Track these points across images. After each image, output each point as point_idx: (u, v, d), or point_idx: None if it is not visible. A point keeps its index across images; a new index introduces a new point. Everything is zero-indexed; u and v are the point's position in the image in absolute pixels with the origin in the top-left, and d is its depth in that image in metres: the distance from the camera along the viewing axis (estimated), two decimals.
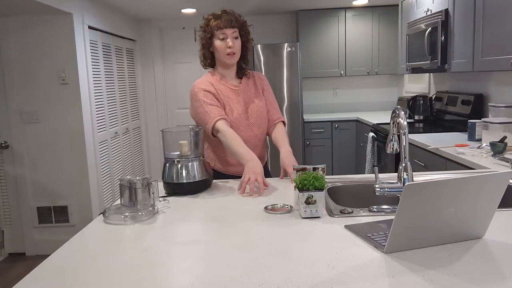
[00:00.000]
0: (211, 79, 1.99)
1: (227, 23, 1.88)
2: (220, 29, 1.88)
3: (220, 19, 1.89)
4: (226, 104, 1.96)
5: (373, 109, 5.46)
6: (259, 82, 2.08)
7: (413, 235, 1.07)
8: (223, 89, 1.98)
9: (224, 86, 1.98)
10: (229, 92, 1.98)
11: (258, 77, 2.10)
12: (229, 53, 1.90)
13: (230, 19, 1.89)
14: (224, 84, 1.99)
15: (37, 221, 3.63)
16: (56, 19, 3.39)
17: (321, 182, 1.35)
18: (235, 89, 2.00)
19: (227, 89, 1.99)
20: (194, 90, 1.97)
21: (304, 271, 0.99)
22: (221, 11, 1.94)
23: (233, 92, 1.99)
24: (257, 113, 2.00)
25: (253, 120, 2.00)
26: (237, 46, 1.92)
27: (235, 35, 1.91)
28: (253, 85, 2.06)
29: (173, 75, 5.43)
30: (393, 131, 1.56)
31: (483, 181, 1.05)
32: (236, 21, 1.91)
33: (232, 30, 1.89)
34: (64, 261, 1.12)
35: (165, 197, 1.66)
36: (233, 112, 1.96)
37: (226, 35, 1.89)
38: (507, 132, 2.43)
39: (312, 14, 4.93)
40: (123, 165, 4.49)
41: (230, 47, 1.89)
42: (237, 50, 1.92)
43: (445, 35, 3.05)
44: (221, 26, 1.88)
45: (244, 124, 1.98)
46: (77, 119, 3.51)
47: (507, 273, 0.94)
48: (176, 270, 1.04)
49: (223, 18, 1.89)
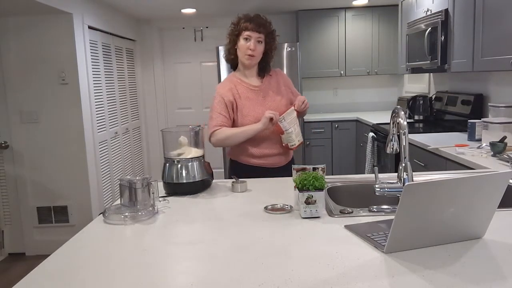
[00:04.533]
0: (233, 81, 2.10)
1: (255, 28, 2.00)
2: (247, 30, 2.00)
3: (250, 21, 2.01)
4: (244, 105, 2.06)
5: (373, 109, 5.46)
6: (282, 79, 2.19)
7: (413, 235, 1.07)
8: (243, 91, 2.09)
9: (244, 87, 2.09)
10: (249, 92, 2.09)
11: (279, 74, 2.21)
12: (249, 54, 2.01)
13: (258, 24, 2.01)
14: (245, 85, 2.10)
15: (37, 221, 3.63)
16: (56, 19, 3.39)
17: (321, 182, 1.35)
18: (255, 89, 2.10)
19: (247, 90, 2.09)
20: (216, 93, 2.11)
21: (304, 271, 0.99)
22: (254, 14, 2.06)
23: (253, 93, 2.09)
24: (276, 110, 2.04)
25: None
26: (258, 50, 2.02)
27: (259, 40, 2.02)
28: (275, 83, 2.15)
29: (173, 75, 5.43)
30: (393, 131, 1.56)
31: (483, 181, 1.05)
32: (264, 27, 2.03)
33: (258, 35, 2.01)
34: (64, 261, 1.12)
35: (165, 197, 1.66)
36: (253, 112, 2.05)
37: (250, 37, 2.00)
38: (507, 132, 2.43)
39: (312, 14, 4.93)
40: (123, 165, 4.49)
41: (251, 49, 2.00)
42: (257, 54, 2.03)
43: (445, 35, 3.05)
44: (249, 28, 2.00)
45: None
46: (77, 119, 3.51)
47: (507, 273, 0.94)
48: (176, 270, 1.04)
49: (253, 22, 2.01)
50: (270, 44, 2.08)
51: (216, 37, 5.31)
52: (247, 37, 2.00)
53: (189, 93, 5.45)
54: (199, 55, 5.37)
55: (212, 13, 5.00)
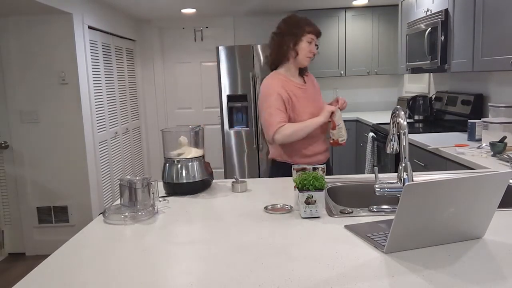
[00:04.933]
0: (281, 79, 2.13)
1: (319, 33, 2.12)
2: (311, 34, 2.09)
3: (313, 26, 2.10)
4: (297, 102, 2.10)
5: (373, 109, 5.46)
6: (314, 80, 2.30)
7: (413, 235, 1.07)
8: (293, 89, 2.12)
9: (293, 86, 2.13)
10: (297, 90, 2.13)
11: (310, 75, 2.30)
12: (310, 56, 2.12)
13: (319, 31, 2.12)
14: (293, 83, 2.14)
15: (37, 221, 3.63)
16: (56, 19, 3.39)
17: (321, 182, 1.35)
18: (302, 87, 2.16)
19: (295, 88, 2.13)
20: (267, 91, 2.09)
21: (304, 271, 0.99)
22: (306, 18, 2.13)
23: (300, 91, 2.14)
24: (319, 107, 2.13)
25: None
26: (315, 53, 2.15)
27: (317, 44, 2.14)
28: (311, 83, 2.25)
29: (173, 75, 5.43)
30: (393, 131, 1.56)
31: (483, 181, 1.05)
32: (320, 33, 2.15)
33: (317, 40, 2.14)
34: (64, 261, 1.12)
35: (165, 197, 1.66)
36: (304, 108, 2.10)
37: (314, 41, 2.11)
38: (507, 132, 2.43)
39: (312, 14, 4.93)
40: (123, 165, 4.49)
41: (314, 53, 2.12)
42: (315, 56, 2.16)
43: (445, 35, 3.05)
44: (314, 32, 2.10)
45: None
46: (77, 119, 3.51)
47: (507, 273, 0.94)
48: (176, 270, 1.04)
49: (315, 28, 2.11)
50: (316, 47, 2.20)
51: (216, 37, 5.31)
52: (311, 40, 2.09)
53: (189, 93, 5.45)
54: (199, 55, 5.37)
55: (212, 13, 5.00)
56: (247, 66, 4.54)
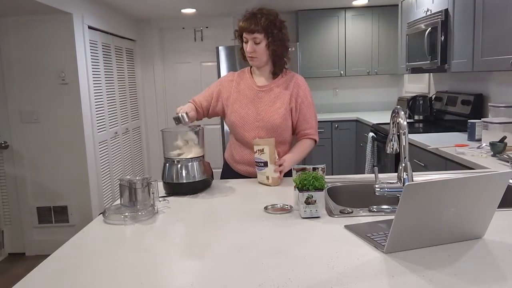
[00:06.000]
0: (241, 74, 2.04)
1: (247, 28, 1.85)
2: (243, 31, 1.88)
3: (244, 21, 1.87)
4: (236, 101, 1.98)
5: (373, 109, 5.46)
6: (294, 89, 1.96)
7: (413, 235, 1.07)
8: (243, 86, 1.99)
9: (246, 83, 2.00)
10: (247, 90, 1.98)
11: (295, 83, 1.98)
12: (250, 57, 1.91)
13: (251, 22, 1.84)
14: (250, 81, 2.00)
15: (37, 221, 3.63)
16: (56, 19, 3.39)
17: (321, 182, 1.35)
18: (257, 89, 1.97)
19: (247, 88, 1.99)
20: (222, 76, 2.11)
21: (304, 271, 0.99)
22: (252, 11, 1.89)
23: (251, 91, 1.97)
24: (267, 117, 1.93)
25: (260, 124, 1.94)
26: (258, 51, 1.87)
27: (256, 41, 1.86)
28: (283, 89, 1.95)
29: (173, 75, 5.43)
30: (393, 131, 1.56)
31: (483, 181, 1.05)
32: (257, 25, 1.84)
33: (252, 35, 1.85)
34: (64, 261, 1.12)
35: (165, 197, 1.66)
36: (242, 110, 1.96)
37: (247, 39, 1.88)
38: (507, 132, 2.43)
39: (312, 14, 4.93)
40: (123, 165, 4.49)
41: (248, 52, 1.89)
42: (258, 55, 1.88)
43: (445, 35, 3.05)
44: (243, 29, 1.87)
45: (250, 125, 1.95)
46: (77, 119, 3.51)
47: (507, 273, 0.94)
48: (176, 270, 1.04)
49: (247, 20, 1.86)
50: (274, 40, 1.88)
51: (216, 37, 5.30)
52: (245, 39, 1.89)
53: (189, 93, 5.43)
54: (199, 55, 5.37)
55: (212, 13, 5.00)
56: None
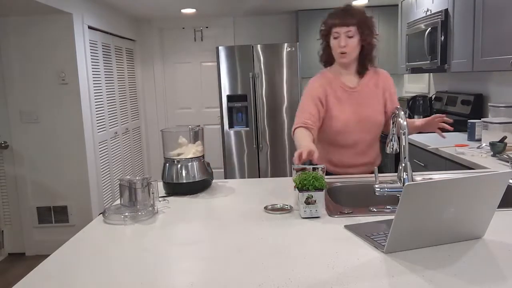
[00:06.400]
0: (326, 78, 1.93)
1: (341, 22, 1.81)
2: (335, 27, 1.83)
3: (334, 17, 1.84)
4: (334, 107, 1.89)
5: None
6: (383, 83, 1.95)
7: (413, 235, 1.07)
8: (336, 89, 1.90)
9: (337, 86, 1.91)
10: (341, 92, 1.90)
11: (382, 77, 1.97)
12: (341, 52, 1.84)
13: (345, 16, 1.81)
14: (339, 83, 1.91)
15: (36, 221, 3.63)
16: (56, 19, 3.39)
17: (321, 182, 1.35)
18: (350, 90, 1.91)
19: (340, 89, 1.91)
20: (306, 89, 1.95)
21: (304, 271, 0.99)
22: (344, 6, 1.86)
23: (346, 93, 1.90)
24: (369, 117, 1.89)
25: (365, 125, 1.89)
26: (350, 45, 1.83)
27: (350, 34, 1.81)
28: (373, 86, 1.94)
29: (173, 75, 5.43)
30: (393, 131, 1.56)
31: (483, 181, 1.05)
32: (352, 18, 1.81)
33: (346, 28, 1.80)
34: (64, 261, 1.12)
35: (165, 197, 1.66)
36: (342, 115, 1.88)
37: (339, 33, 1.82)
38: (507, 132, 2.43)
39: (312, 14, 4.93)
40: (123, 165, 4.49)
41: (341, 46, 1.82)
42: (350, 50, 1.83)
43: (445, 35, 3.05)
44: (336, 24, 1.82)
45: (354, 127, 1.89)
46: (77, 119, 3.51)
47: (507, 273, 0.94)
48: (176, 270, 1.04)
49: (339, 15, 1.83)
50: (366, 35, 1.84)
51: (216, 37, 5.30)
52: (336, 34, 1.83)
53: (189, 93, 5.45)
54: (199, 55, 5.37)
55: (212, 13, 5.00)
56: (247, 66, 4.54)
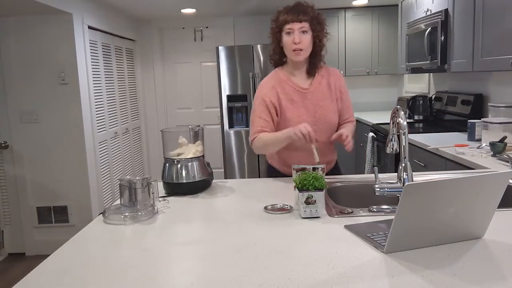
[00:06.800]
0: (278, 79, 1.88)
1: (294, 17, 1.76)
2: (287, 23, 1.77)
3: (287, 12, 1.78)
4: (287, 109, 1.84)
5: (373, 109, 5.45)
6: (335, 82, 1.92)
7: (413, 235, 1.07)
8: (289, 91, 1.85)
9: (290, 88, 1.86)
10: (294, 94, 1.85)
11: (334, 76, 1.94)
12: (295, 49, 1.78)
13: (298, 11, 1.76)
14: (291, 85, 1.86)
15: (36, 221, 3.63)
16: (56, 19, 3.39)
17: (321, 182, 1.35)
18: (303, 91, 1.86)
19: (293, 91, 1.86)
20: (257, 93, 1.89)
21: (304, 271, 0.99)
22: (295, 2, 1.82)
23: (299, 95, 1.85)
24: (325, 118, 1.87)
25: (321, 126, 1.87)
26: (305, 41, 1.78)
27: (303, 30, 1.77)
28: (326, 85, 1.90)
29: (173, 75, 5.43)
30: (393, 131, 1.56)
31: (483, 181, 1.05)
32: (305, 14, 1.77)
33: (300, 24, 1.76)
34: (64, 261, 1.12)
35: (165, 197, 1.66)
36: (297, 118, 1.83)
37: (292, 29, 1.77)
38: (507, 132, 2.43)
39: None
40: (122, 165, 4.49)
41: (296, 42, 1.77)
42: (305, 46, 1.78)
43: (444, 35, 3.05)
44: (288, 20, 1.77)
45: None
46: (76, 119, 3.51)
47: (507, 273, 0.94)
48: (176, 270, 1.04)
49: (291, 11, 1.78)
50: (318, 31, 1.81)
51: (216, 37, 5.30)
52: (289, 30, 1.77)
53: (189, 93, 5.45)
54: (199, 55, 5.37)
55: (212, 13, 5.00)
56: (247, 66, 4.54)
